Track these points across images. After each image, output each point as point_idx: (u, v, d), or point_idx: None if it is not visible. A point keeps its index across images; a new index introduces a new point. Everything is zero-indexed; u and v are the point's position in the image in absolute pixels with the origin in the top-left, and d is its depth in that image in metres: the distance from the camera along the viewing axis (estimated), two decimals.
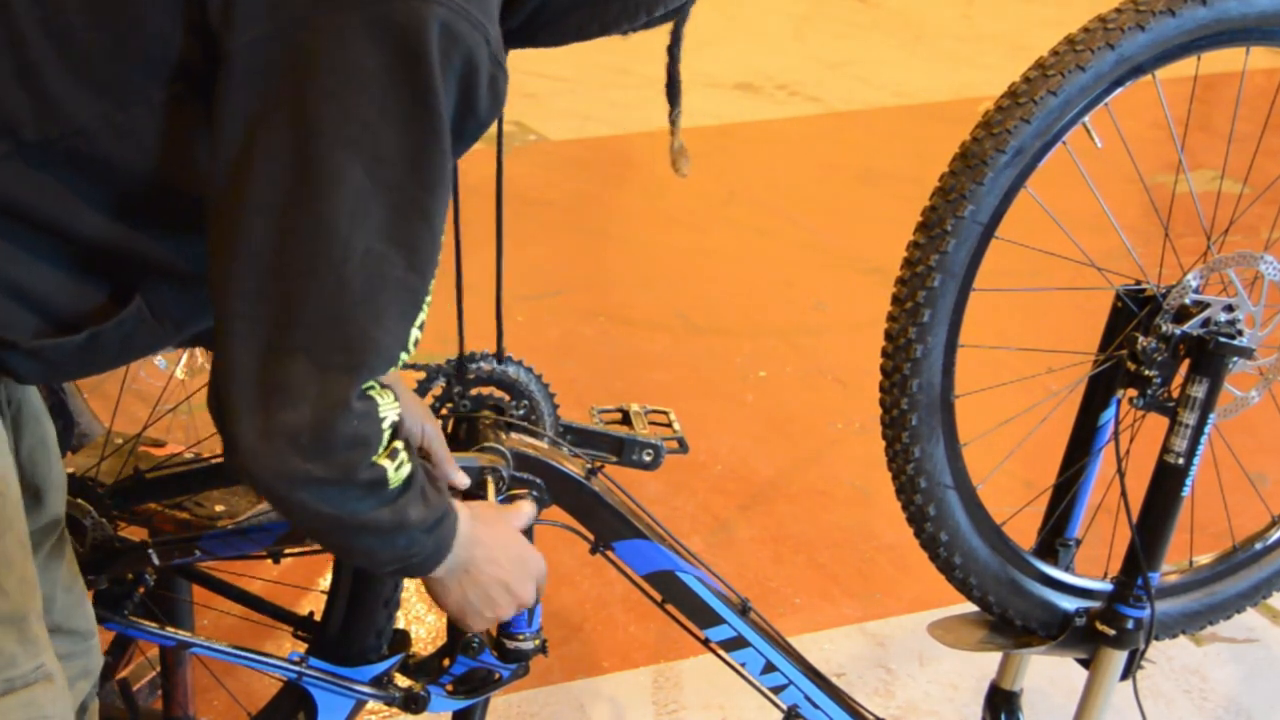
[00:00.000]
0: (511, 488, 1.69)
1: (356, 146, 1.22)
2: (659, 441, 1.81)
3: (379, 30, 1.21)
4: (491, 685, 1.79)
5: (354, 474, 1.31)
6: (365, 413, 1.29)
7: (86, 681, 1.64)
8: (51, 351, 1.35)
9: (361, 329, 1.27)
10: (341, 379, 1.26)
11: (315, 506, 1.31)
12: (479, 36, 1.25)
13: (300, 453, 1.27)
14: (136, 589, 1.80)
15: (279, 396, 1.25)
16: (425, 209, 1.27)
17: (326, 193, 1.23)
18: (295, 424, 1.25)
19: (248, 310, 1.26)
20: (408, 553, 1.41)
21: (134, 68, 1.27)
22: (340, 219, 1.23)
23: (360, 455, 1.31)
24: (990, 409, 2.00)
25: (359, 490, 1.32)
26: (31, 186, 1.30)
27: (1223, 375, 1.86)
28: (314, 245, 1.24)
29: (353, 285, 1.25)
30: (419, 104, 1.23)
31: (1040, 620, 1.99)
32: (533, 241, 4.21)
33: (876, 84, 5.97)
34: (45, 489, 1.57)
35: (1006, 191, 1.75)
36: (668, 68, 1.59)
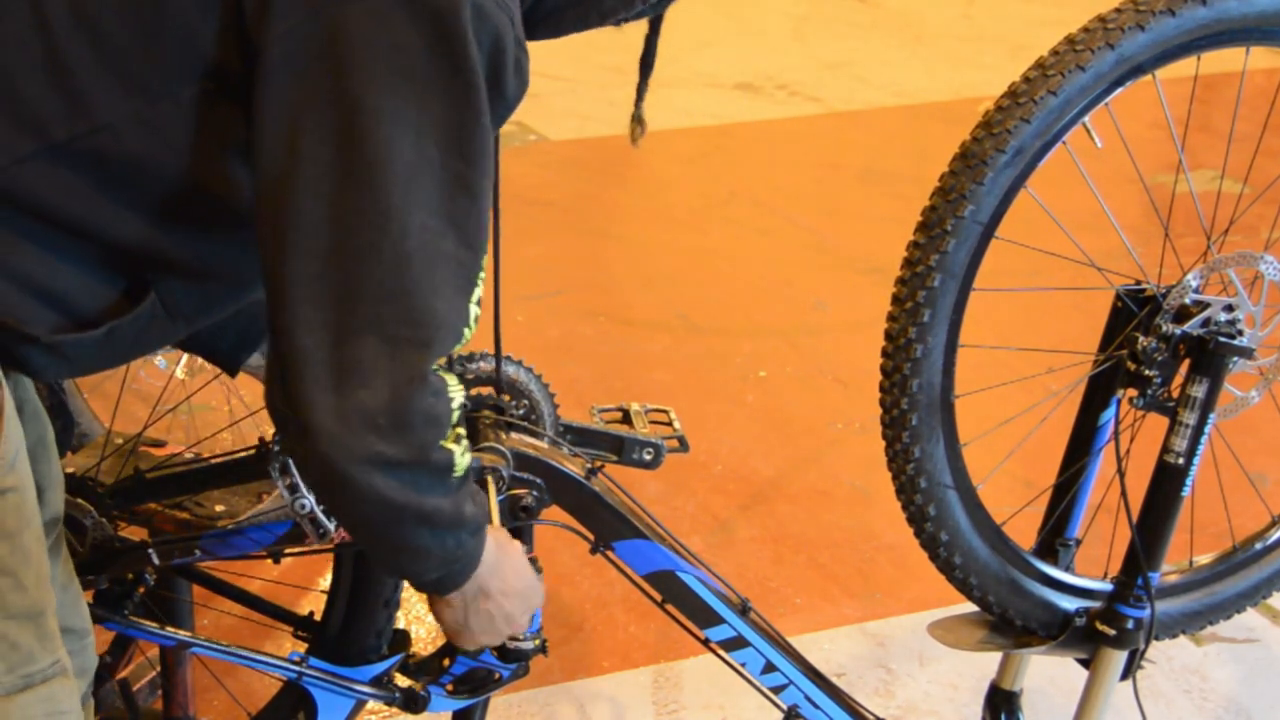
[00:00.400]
0: (511, 487, 1.69)
1: (402, 124, 1.23)
2: (659, 440, 1.81)
3: (415, 11, 1.22)
4: (491, 685, 1.79)
5: (427, 454, 1.31)
6: (439, 389, 1.30)
7: (83, 680, 1.64)
8: (70, 346, 1.36)
9: (426, 303, 1.27)
10: (413, 355, 1.27)
11: (386, 492, 1.30)
12: (505, 17, 1.27)
13: (377, 432, 1.26)
14: (136, 589, 1.80)
15: (354, 377, 1.25)
16: (471, 184, 1.28)
17: (379, 170, 1.24)
18: (373, 403, 1.26)
19: (311, 295, 1.26)
20: (455, 554, 1.41)
21: (164, 63, 1.28)
22: (395, 195, 1.24)
23: (434, 434, 1.31)
24: (990, 409, 2.00)
25: (429, 474, 1.32)
26: (56, 187, 1.31)
27: (1223, 375, 1.86)
28: (372, 223, 1.25)
29: (413, 260, 1.26)
30: (459, 81, 1.24)
31: (1040, 620, 1.99)
32: (533, 241, 4.21)
33: (876, 84, 5.97)
34: (45, 487, 1.57)
35: (1006, 191, 1.75)
36: (646, 39, 1.60)
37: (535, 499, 1.70)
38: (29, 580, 1.39)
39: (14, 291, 1.33)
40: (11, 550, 1.37)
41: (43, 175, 1.30)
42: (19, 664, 1.39)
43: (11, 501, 1.37)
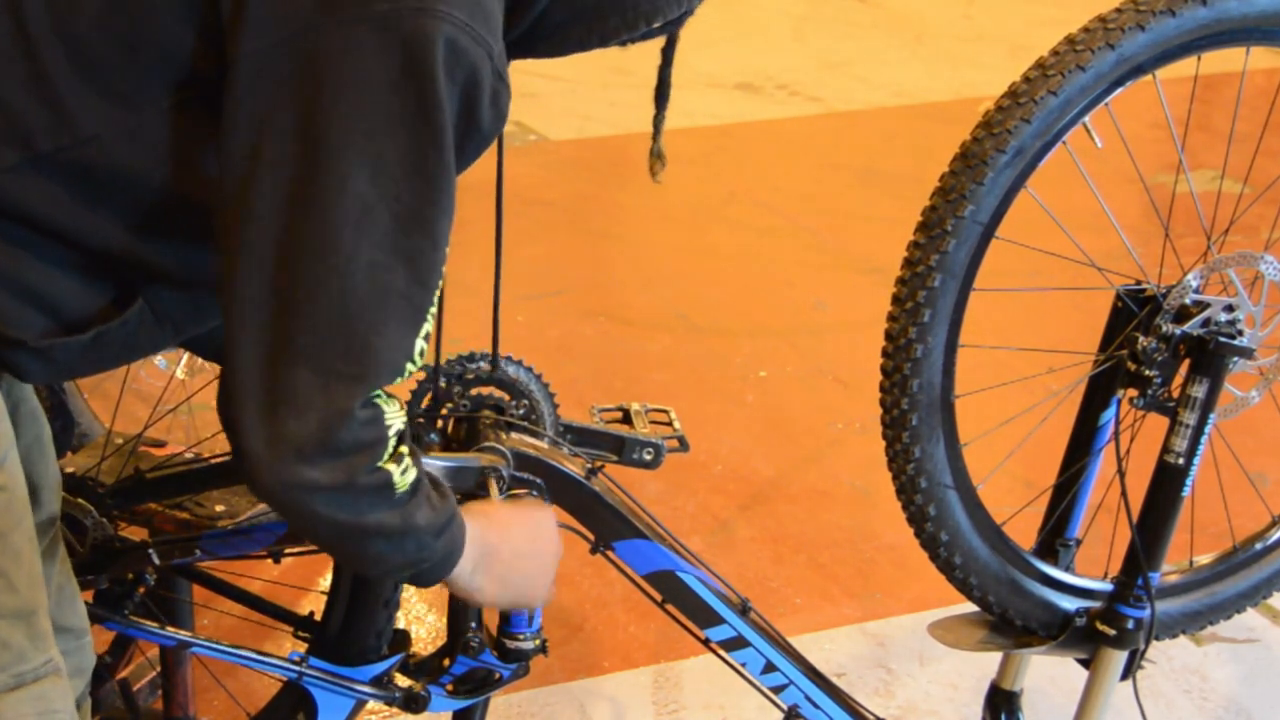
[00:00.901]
0: (512, 487, 1.69)
1: (362, 156, 1.23)
2: (660, 440, 1.81)
3: (386, 43, 1.22)
4: (491, 685, 1.79)
5: (357, 479, 1.31)
6: (370, 420, 1.30)
7: (80, 679, 1.64)
8: (58, 351, 1.36)
9: (365, 339, 1.27)
10: (345, 388, 1.27)
11: (325, 513, 1.32)
12: (482, 52, 1.26)
13: (305, 461, 1.27)
14: (137, 589, 1.80)
15: (284, 406, 1.26)
16: (428, 221, 1.27)
17: (331, 201, 1.23)
18: (300, 433, 1.26)
19: (252, 317, 1.26)
20: (419, 557, 1.41)
21: (145, 73, 1.28)
22: (345, 228, 1.24)
23: (365, 460, 1.31)
24: (990, 409, 2.00)
25: (366, 495, 1.33)
26: (42, 196, 1.31)
27: (1223, 375, 1.86)
28: (318, 253, 1.24)
29: (356, 294, 1.25)
30: (424, 117, 1.24)
31: (1040, 620, 1.99)
32: (533, 241, 4.21)
33: (876, 84, 5.97)
34: (41, 487, 1.58)
35: (1007, 191, 1.75)
36: (659, 70, 1.60)
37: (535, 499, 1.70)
38: (20, 580, 1.39)
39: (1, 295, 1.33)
40: (2, 550, 1.37)
41: (28, 185, 1.30)
42: (10, 663, 1.39)
43: (1, 501, 1.37)
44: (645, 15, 1.42)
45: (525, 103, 5.33)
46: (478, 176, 1.50)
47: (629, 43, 1.48)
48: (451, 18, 1.23)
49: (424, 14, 1.22)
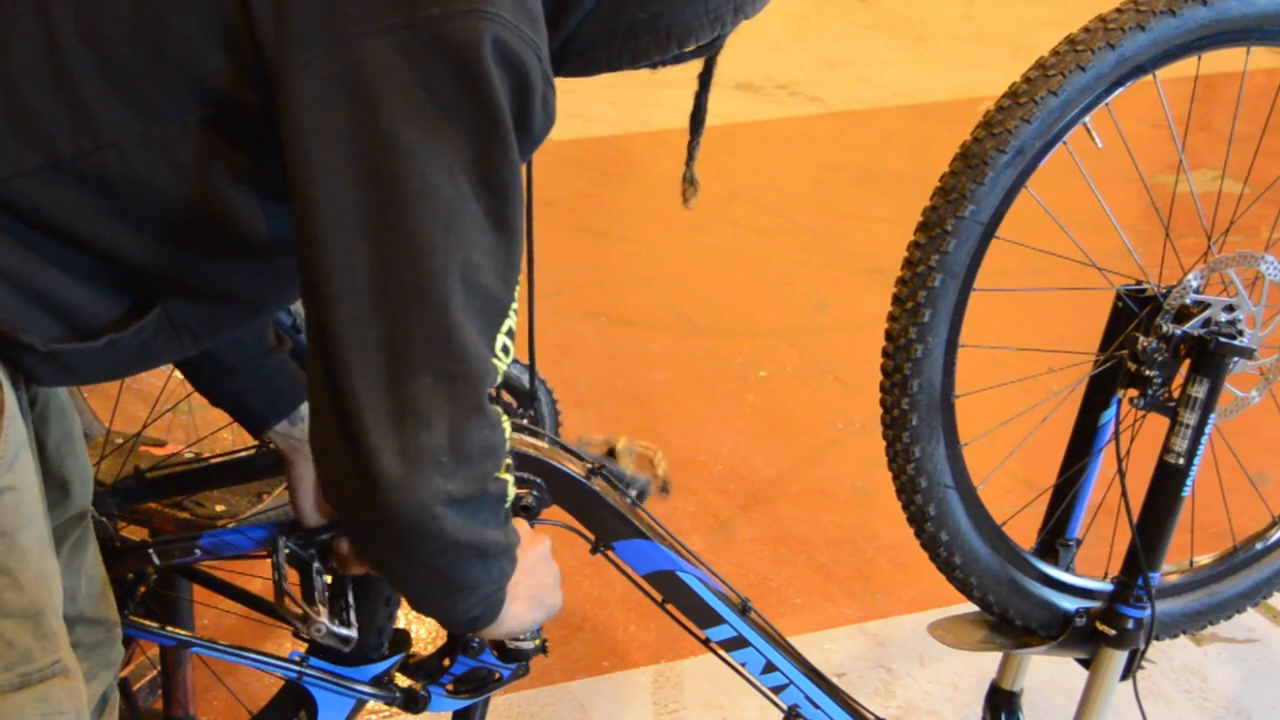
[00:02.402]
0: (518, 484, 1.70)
1: (436, 159, 1.23)
2: (645, 480, 1.81)
3: (439, 48, 1.21)
4: (491, 685, 1.79)
5: (486, 486, 1.31)
6: (494, 421, 1.31)
7: (109, 672, 1.65)
8: (69, 356, 1.36)
9: (471, 339, 1.27)
10: (467, 389, 1.27)
11: (452, 531, 1.30)
12: (531, 53, 1.26)
13: (441, 471, 1.26)
14: (137, 589, 1.80)
15: (413, 419, 1.25)
16: (506, 217, 1.28)
17: (416, 207, 1.23)
18: (435, 443, 1.26)
19: (360, 340, 1.25)
20: (500, 582, 1.42)
21: (171, 85, 1.28)
22: (435, 230, 1.24)
23: (492, 466, 1.32)
24: (991, 409, 2.00)
25: (488, 506, 1.33)
26: (61, 201, 1.30)
27: (1223, 375, 1.86)
28: (415, 263, 1.24)
29: (456, 296, 1.25)
30: (485, 116, 1.24)
31: (1040, 620, 1.99)
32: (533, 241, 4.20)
33: (876, 84, 5.97)
34: (71, 482, 1.58)
35: (1007, 191, 1.75)
36: (696, 96, 1.58)
37: (535, 499, 1.70)
38: (26, 580, 1.39)
39: (12, 298, 1.32)
40: (8, 549, 1.37)
41: (48, 190, 1.30)
42: (15, 663, 1.39)
43: (9, 501, 1.36)
44: (678, 37, 1.40)
45: None
46: None
47: (660, 65, 1.46)
48: (499, 18, 1.23)
49: (472, 16, 1.22)
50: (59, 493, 1.57)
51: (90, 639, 1.61)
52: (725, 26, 1.43)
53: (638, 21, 1.38)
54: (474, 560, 1.36)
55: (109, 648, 1.64)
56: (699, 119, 1.61)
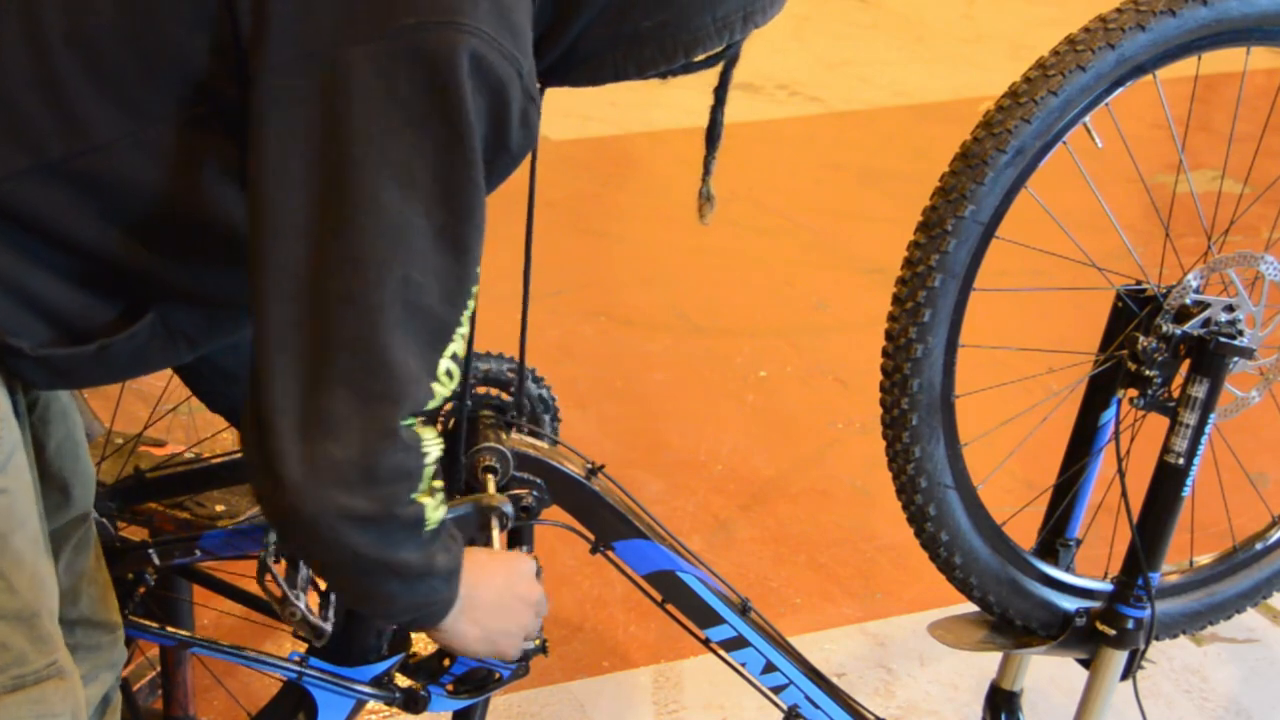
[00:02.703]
0: (512, 488, 1.69)
1: (390, 172, 1.22)
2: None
3: (412, 59, 1.20)
4: (492, 685, 1.79)
5: (395, 509, 1.28)
6: (410, 444, 1.28)
7: (111, 674, 1.65)
8: (61, 360, 1.35)
9: (401, 358, 1.25)
10: (385, 409, 1.25)
11: (356, 547, 1.28)
12: (510, 69, 1.24)
13: (345, 487, 1.25)
14: (137, 589, 1.80)
15: (323, 429, 1.23)
16: (459, 238, 1.26)
17: (362, 219, 1.22)
18: (341, 456, 1.24)
19: (285, 341, 1.24)
20: (427, 600, 1.39)
21: (159, 86, 1.27)
22: (376, 246, 1.22)
23: (405, 489, 1.29)
24: (991, 409, 2.00)
25: (399, 529, 1.30)
26: (51, 203, 1.29)
27: (1223, 375, 1.86)
28: (350, 272, 1.23)
29: (390, 313, 1.23)
30: (452, 133, 1.22)
31: (1041, 620, 1.99)
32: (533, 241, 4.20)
33: (877, 84, 5.97)
34: (73, 484, 1.58)
35: (1007, 191, 1.75)
36: (711, 110, 1.56)
37: (535, 499, 1.70)
38: (20, 583, 1.38)
39: (1, 300, 1.31)
40: (1, 552, 1.36)
41: (37, 191, 1.29)
42: (9, 665, 1.38)
43: (2, 503, 1.36)
44: (685, 46, 1.39)
45: None
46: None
47: (670, 75, 1.44)
48: (479, 32, 1.21)
49: (449, 28, 1.20)
50: (60, 495, 1.57)
51: (91, 641, 1.61)
52: (734, 35, 1.41)
53: (642, 30, 1.36)
54: (388, 577, 1.33)
55: (110, 650, 1.64)
56: (714, 134, 1.60)
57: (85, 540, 1.61)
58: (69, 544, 1.59)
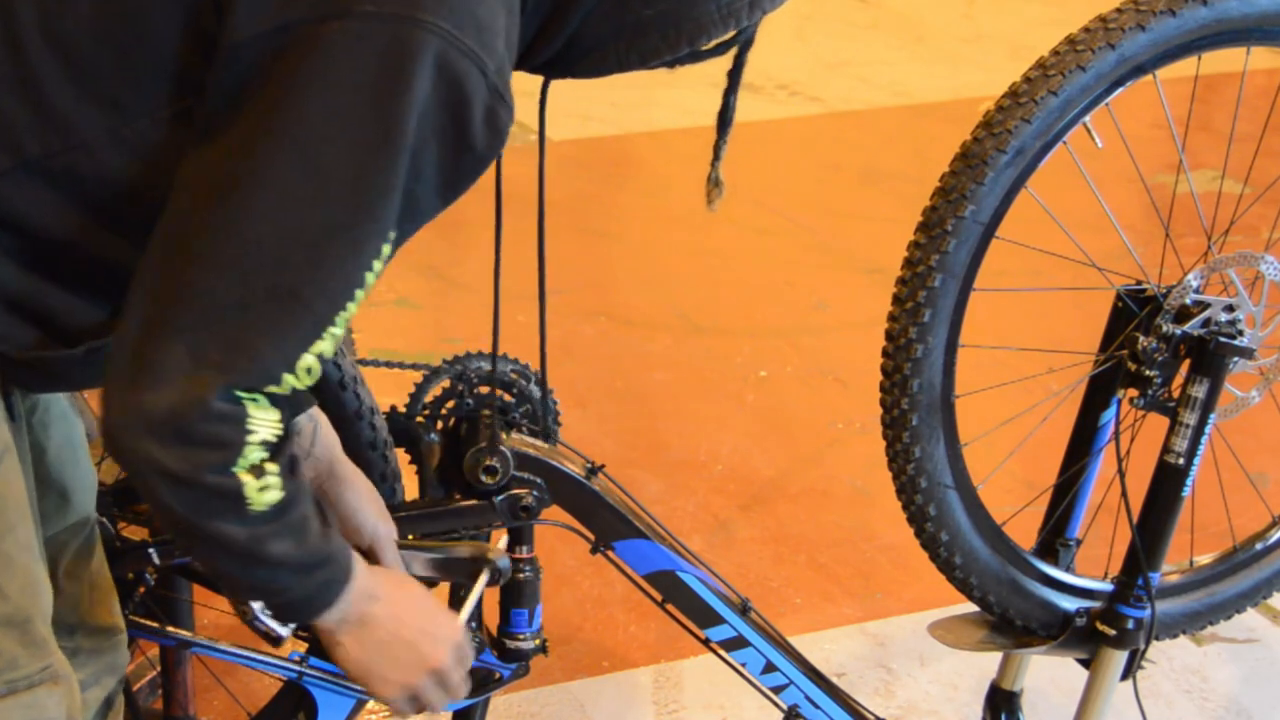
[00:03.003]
0: (512, 488, 1.70)
1: (300, 150, 1.20)
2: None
3: (367, 47, 1.18)
4: (491, 685, 1.79)
5: (204, 475, 1.24)
6: (227, 416, 1.23)
7: (113, 677, 1.64)
8: (49, 363, 1.34)
9: (248, 335, 1.22)
10: (209, 376, 1.22)
11: (167, 500, 1.26)
12: (471, 66, 1.22)
13: (153, 437, 1.22)
14: (137, 589, 1.79)
15: (146, 376, 1.22)
16: (355, 238, 1.23)
17: (251, 191, 1.20)
18: (152, 407, 1.21)
19: (148, 280, 1.23)
20: (269, 588, 1.35)
21: (140, 81, 1.26)
22: (256, 220, 1.21)
23: (215, 458, 1.24)
24: (991, 409, 2.00)
25: (212, 498, 1.26)
26: (33, 203, 1.28)
27: (1223, 375, 1.86)
28: (223, 236, 1.21)
29: (252, 289, 1.21)
30: (381, 132, 1.20)
31: (1041, 620, 1.99)
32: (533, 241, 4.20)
33: (877, 84, 5.97)
34: (72, 488, 1.56)
35: (1007, 191, 1.75)
36: (724, 94, 1.53)
37: (535, 499, 1.70)
38: (11, 587, 1.37)
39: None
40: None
41: (19, 190, 1.27)
42: (1, 670, 1.37)
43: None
44: (689, 34, 1.35)
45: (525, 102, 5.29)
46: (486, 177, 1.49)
47: (677, 64, 1.42)
48: (436, 28, 1.19)
49: (406, 23, 1.18)
50: (59, 499, 1.56)
51: (92, 644, 1.60)
52: (741, 21, 1.38)
53: (644, 18, 1.34)
54: (213, 549, 1.30)
55: (113, 653, 1.63)
56: (726, 119, 1.57)
57: (88, 544, 1.60)
58: (70, 548, 1.58)
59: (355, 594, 1.41)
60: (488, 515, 1.72)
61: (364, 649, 1.45)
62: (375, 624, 1.44)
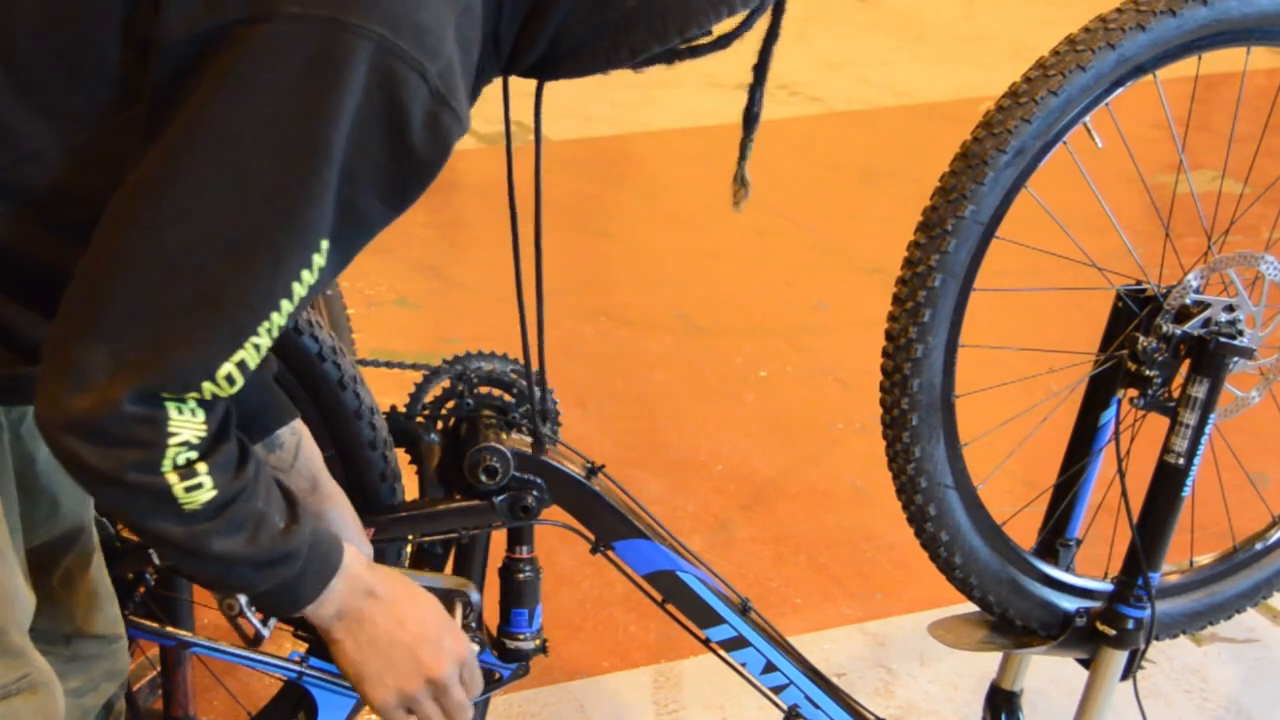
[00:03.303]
0: (512, 488, 1.70)
1: (223, 160, 1.18)
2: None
3: (292, 51, 1.16)
4: (492, 685, 1.79)
5: (126, 475, 1.24)
6: (143, 419, 1.22)
7: (112, 683, 1.64)
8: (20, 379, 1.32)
9: (167, 341, 1.21)
10: (124, 378, 1.21)
11: (102, 497, 1.28)
12: (410, 72, 1.19)
13: (75, 435, 1.22)
14: (137, 588, 1.79)
15: (69, 377, 1.21)
16: (277, 248, 1.21)
17: (173, 194, 1.19)
18: (74, 407, 1.21)
19: (79, 281, 1.23)
20: (229, 583, 1.35)
21: (86, 89, 1.24)
22: (176, 225, 1.19)
23: (134, 458, 1.24)
24: (991, 409, 2.00)
25: (140, 497, 1.26)
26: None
27: (1223, 375, 1.86)
28: (145, 240, 1.20)
29: (171, 294, 1.20)
30: (305, 138, 1.18)
31: (1041, 620, 1.99)
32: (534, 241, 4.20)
33: (877, 84, 5.97)
34: (61, 496, 1.55)
35: (1007, 191, 1.75)
36: (750, 89, 1.49)
37: (535, 499, 1.70)
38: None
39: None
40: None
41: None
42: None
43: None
44: (677, 24, 1.30)
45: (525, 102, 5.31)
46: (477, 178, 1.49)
47: (675, 59, 1.38)
48: (368, 33, 1.16)
49: (334, 26, 1.16)
50: (49, 507, 1.54)
51: (88, 652, 1.59)
52: (735, 8, 1.34)
53: (628, 11, 1.30)
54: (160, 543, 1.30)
55: (111, 660, 1.62)
56: (753, 114, 1.52)
57: (84, 553, 1.59)
58: (65, 557, 1.57)
59: (348, 589, 1.41)
60: (488, 515, 1.72)
61: (359, 647, 1.44)
62: (372, 623, 1.44)
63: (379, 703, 1.48)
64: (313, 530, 1.39)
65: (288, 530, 1.35)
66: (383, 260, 4.01)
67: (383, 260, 4.01)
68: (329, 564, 1.40)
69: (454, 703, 1.50)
